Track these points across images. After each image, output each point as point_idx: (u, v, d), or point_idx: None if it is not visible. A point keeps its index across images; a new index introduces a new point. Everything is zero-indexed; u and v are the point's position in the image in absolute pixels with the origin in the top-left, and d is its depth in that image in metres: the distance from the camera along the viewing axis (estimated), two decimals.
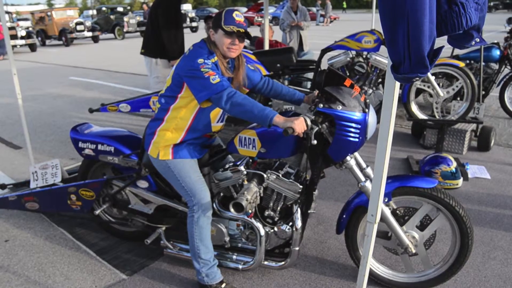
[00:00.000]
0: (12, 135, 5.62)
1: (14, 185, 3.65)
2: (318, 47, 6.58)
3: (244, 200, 2.15)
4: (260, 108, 1.96)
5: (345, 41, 4.99)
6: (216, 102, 2.02)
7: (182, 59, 2.16)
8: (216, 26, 2.13)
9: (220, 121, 2.31)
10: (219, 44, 2.15)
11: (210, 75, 2.00)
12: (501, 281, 2.43)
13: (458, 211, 2.14)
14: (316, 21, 27.24)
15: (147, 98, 4.13)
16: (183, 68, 2.10)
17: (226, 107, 1.99)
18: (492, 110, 6.08)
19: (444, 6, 1.17)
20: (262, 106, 1.99)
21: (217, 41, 2.15)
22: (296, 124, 1.90)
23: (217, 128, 2.33)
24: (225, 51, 2.15)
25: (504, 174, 3.90)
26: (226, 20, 2.10)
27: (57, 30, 20.50)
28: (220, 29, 2.11)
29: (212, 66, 2.06)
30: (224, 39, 2.12)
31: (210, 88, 1.99)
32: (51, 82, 9.86)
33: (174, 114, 2.19)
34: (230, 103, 1.97)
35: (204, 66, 2.03)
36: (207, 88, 2.00)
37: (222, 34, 2.12)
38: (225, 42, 2.12)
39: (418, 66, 1.17)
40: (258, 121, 1.98)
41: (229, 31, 2.09)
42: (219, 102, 2.00)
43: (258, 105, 1.97)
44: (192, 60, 2.07)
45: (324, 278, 2.51)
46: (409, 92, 4.87)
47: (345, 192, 3.60)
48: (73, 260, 2.75)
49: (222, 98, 1.98)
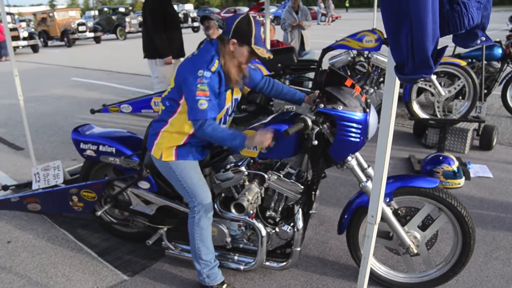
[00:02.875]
0: (14, 136, 5.64)
1: (16, 186, 3.65)
2: (319, 46, 6.57)
3: (245, 200, 2.14)
4: (230, 138, 2.06)
5: (346, 40, 4.97)
6: (193, 125, 2.09)
7: (184, 63, 2.13)
8: (244, 41, 2.05)
9: (222, 124, 2.30)
10: (239, 56, 2.10)
11: (201, 95, 2.00)
12: (503, 281, 2.42)
13: (460, 211, 2.13)
14: (317, 20, 27.21)
15: (148, 98, 4.14)
16: (183, 73, 2.08)
17: (199, 134, 2.11)
18: (494, 109, 6.06)
19: (446, 6, 1.17)
20: (231, 135, 2.06)
21: (238, 53, 2.09)
22: (256, 140, 2.04)
23: None
24: (243, 65, 2.14)
25: (506, 173, 3.88)
26: (257, 39, 2.04)
27: (59, 31, 20.56)
28: (248, 46, 2.05)
29: (210, 79, 2.02)
30: (248, 56, 2.09)
31: (193, 112, 2.03)
32: (53, 83, 9.88)
33: (179, 117, 2.18)
34: (201, 133, 2.07)
35: (202, 81, 2.00)
36: (192, 110, 2.03)
37: (247, 51, 2.07)
38: (247, 59, 2.11)
39: (422, 67, 1.16)
40: (233, 148, 2.18)
41: (259, 54, 2.06)
42: (195, 126, 2.08)
43: (228, 135, 2.06)
44: (193, 67, 2.04)
45: (326, 278, 2.50)
46: (411, 91, 4.85)
47: (346, 193, 3.59)
48: (75, 261, 2.75)
49: (196, 124, 2.05)
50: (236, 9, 30.50)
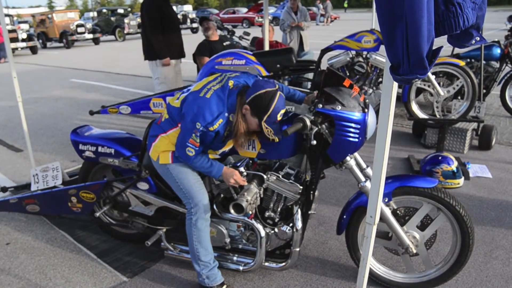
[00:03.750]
0: (13, 138, 5.63)
1: (15, 188, 3.65)
2: (318, 47, 6.58)
3: (244, 201, 2.14)
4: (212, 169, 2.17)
5: (345, 41, 4.98)
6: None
7: (194, 99, 2.07)
8: (257, 112, 2.00)
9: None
10: (249, 123, 2.07)
11: (192, 144, 2.05)
12: (503, 281, 2.42)
13: (458, 211, 2.13)
14: (316, 20, 27.23)
15: (147, 100, 4.13)
16: (187, 110, 2.05)
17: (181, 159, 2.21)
18: (493, 109, 6.06)
19: (441, 7, 1.17)
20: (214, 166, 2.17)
21: (248, 120, 2.06)
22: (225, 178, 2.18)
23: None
24: (250, 131, 2.12)
25: (505, 173, 3.88)
26: (270, 118, 1.99)
27: (58, 33, 20.54)
28: (258, 119, 2.01)
29: (204, 135, 2.05)
30: (256, 127, 2.07)
31: (180, 152, 2.13)
32: (52, 84, 9.87)
33: (177, 132, 2.17)
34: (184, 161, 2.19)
35: (196, 133, 2.02)
36: (179, 149, 2.12)
37: (256, 124, 2.04)
38: (254, 128, 2.08)
39: (417, 67, 1.16)
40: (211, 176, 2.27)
41: (264, 132, 2.04)
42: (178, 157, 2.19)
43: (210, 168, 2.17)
44: (195, 115, 2.01)
45: (325, 279, 2.50)
46: (410, 92, 4.86)
47: (345, 193, 3.59)
48: (74, 263, 2.75)
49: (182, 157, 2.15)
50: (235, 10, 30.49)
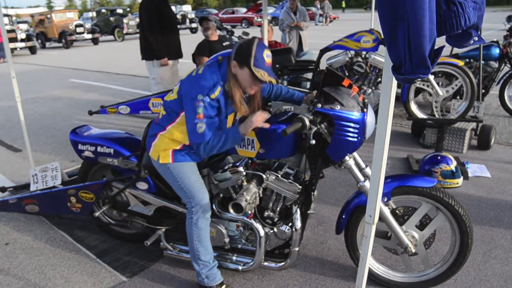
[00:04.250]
0: (12, 138, 5.63)
1: (14, 188, 3.65)
2: (317, 47, 6.58)
3: (243, 201, 2.15)
4: (224, 137, 2.05)
5: (344, 41, 4.99)
6: (193, 146, 2.10)
7: (188, 80, 2.09)
8: (243, 62, 1.95)
9: None
10: (242, 80, 2.03)
11: (200, 118, 1.99)
12: (502, 280, 2.42)
13: (457, 210, 2.14)
14: (315, 20, 27.24)
15: (146, 100, 4.13)
16: (185, 90, 2.06)
17: (202, 156, 2.16)
18: (492, 109, 6.07)
19: (443, 6, 1.17)
20: (227, 132, 2.06)
21: (240, 77, 2.02)
22: (255, 121, 2.05)
23: None
24: (247, 90, 2.08)
25: (504, 172, 3.89)
26: (256, 60, 1.93)
27: (57, 33, 20.53)
28: (247, 67, 1.95)
29: (210, 104, 1.99)
30: (249, 81, 2.01)
31: (193, 135, 2.05)
32: (51, 84, 9.87)
33: (176, 127, 2.18)
34: (205, 153, 2.10)
35: (200, 104, 1.98)
36: (191, 132, 2.05)
37: (248, 74, 1.98)
38: (249, 83, 2.03)
39: (420, 67, 1.16)
40: (234, 144, 2.12)
41: (258, 77, 1.95)
42: (196, 148, 2.10)
43: (225, 137, 2.05)
44: (194, 88, 2.00)
45: (324, 278, 2.51)
46: (409, 92, 4.85)
47: (344, 192, 3.59)
48: (73, 263, 2.75)
49: (199, 149, 2.07)
50: (234, 10, 30.48)
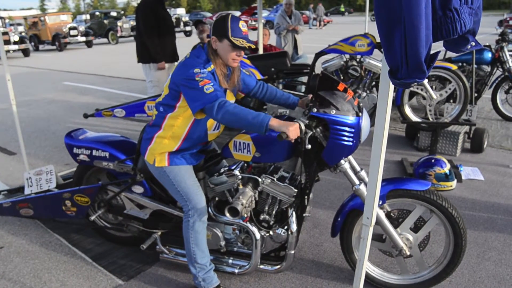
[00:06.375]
0: (6, 141, 5.60)
1: (8, 191, 3.63)
2: (311, 50, 6.61)
3: (239, 204, 2.15)
4: (254, 114, 1.94)
5: (339, 45, 5.02)
6: (208, 112, 1.99)
7: (178, 67, 2.13)
8: (222, 35, 2.06)
9: (216, 129, 2.30)
10: (223, 54, 2.10)
11: (205, 83, 1.98)
12: (495, 282, 2.45)
13: (451, 213, 2.16)
14: (309, 24, 27.33)
15: (142, 103, 4.12)
16: (178, 76, 2.08)
17: (218, 117, 1.97)
18: (485, 112, 6.13)
19: (439, 12, 1.19)
20: (256, 112, 1.96)
21: (221, 50, 2.10)
22: (290, 130, 1.89)
23: (213, 136, 2.33)
24: (229, 61, 2.13)
25: (497, 175, 3.93)
26: (233, 31, 2.04)
27: (51, 35, 20.44)
28: (226, 39, 2.05)
29: (208, 75, 2.04)
30: (230, 51, 2.08)
31: (203, 98, 1.97)
32: (45, 87, 9.82)
33: (171, 122, 2.19)
34: (222, 113, 1.95)
35: (200, 75, 2.00)
36: (201, 98, 1.98)
37: (228, 45, 2.06)
38: (231, 54, 2.09)
39: (416, 72, 1.18)
40: (254, 128, 1.94)
41: (238, 45, 2.04)
42: (211, 112, 1.97)
43: (251, 112, 1.95)
44: (188, 69, 2.04)
45: (320, 281, 2.52)
46: (403, 95, 4.90)
47: (340, 195, 3.61)
48: (69, 266, 2.74)
49: (214, 107, 1.96)
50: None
